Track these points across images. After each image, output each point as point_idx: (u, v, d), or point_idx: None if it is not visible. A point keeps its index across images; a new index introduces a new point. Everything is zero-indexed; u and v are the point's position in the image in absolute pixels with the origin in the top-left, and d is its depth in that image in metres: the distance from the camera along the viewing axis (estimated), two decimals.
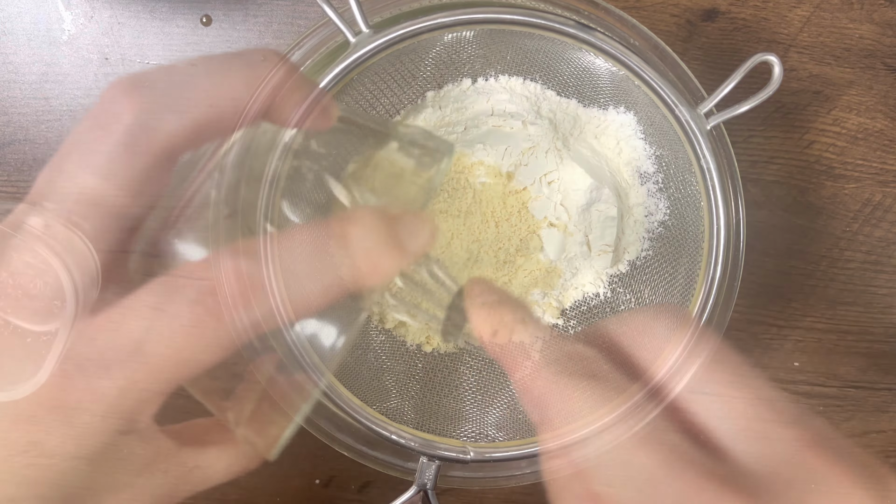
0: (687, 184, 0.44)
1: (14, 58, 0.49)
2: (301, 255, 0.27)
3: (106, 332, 0.28)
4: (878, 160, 0.51)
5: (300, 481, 0.53)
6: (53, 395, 0.29)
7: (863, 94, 0.50)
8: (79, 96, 0.49)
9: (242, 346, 0.38)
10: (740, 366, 0.27)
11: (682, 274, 0.45)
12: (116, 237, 0.31)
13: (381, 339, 0.48)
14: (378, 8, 0.43)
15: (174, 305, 0.27)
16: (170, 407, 0.55)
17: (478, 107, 0.46)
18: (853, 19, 0.49)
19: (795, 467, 0.24)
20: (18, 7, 0.49)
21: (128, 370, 0.28)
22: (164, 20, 0.49)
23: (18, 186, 0.50)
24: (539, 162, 0.46)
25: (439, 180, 0.28)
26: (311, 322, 0.39)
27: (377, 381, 0.47)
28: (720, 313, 0.45)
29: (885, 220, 0.51)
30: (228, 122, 0.27)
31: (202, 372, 0.29)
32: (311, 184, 0.43)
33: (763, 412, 0.26)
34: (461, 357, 0.49)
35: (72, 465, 0.31)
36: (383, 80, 0.45)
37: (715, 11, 0.49)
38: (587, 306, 0.49)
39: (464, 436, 0.45)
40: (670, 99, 0.40)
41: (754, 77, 0.40)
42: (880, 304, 0.52)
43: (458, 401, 0.48)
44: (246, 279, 0.25)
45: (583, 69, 0.45)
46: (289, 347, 0.37)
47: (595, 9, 0.44)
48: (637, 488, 0.25)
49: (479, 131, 0.46)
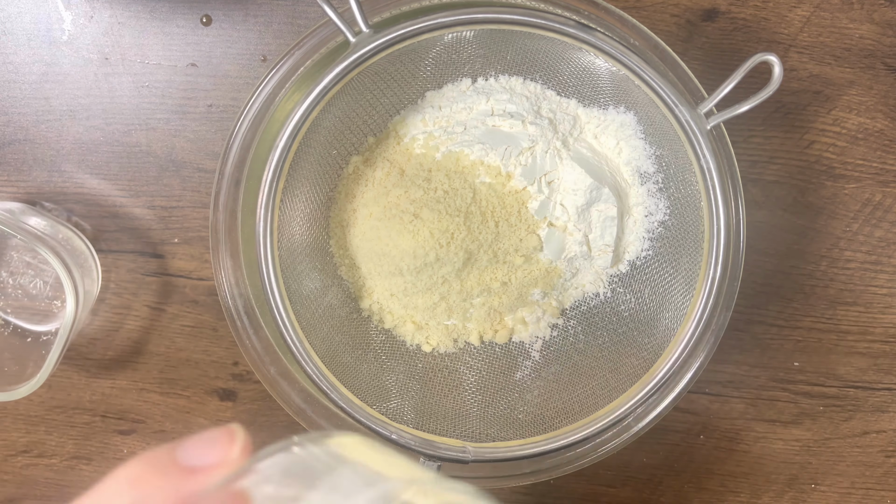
0: (687, 184, 0.44)
1: (14, 58, 0.49)
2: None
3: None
4: (878, 160, 0.51)
5: None
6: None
7: (863, 94, 0.50)
8: (79, 96, 0.49)
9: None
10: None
11: (682, 274, 0.45)
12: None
13: (381, 339, 0.48)
14: (378, 8, 0.43)
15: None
16: (170, 407, 0.56)
17: (478, 107, 0.46)
18: (853, 19, 0.49)
19: None
20: (18, 7, 0.49)
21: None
22: (164, 20, 0.49)
23: (18, 186, 0.50)
24: (539, 162, 0.46)
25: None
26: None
27: (377, 381, 0.47)
28: (720, 313, 0.45)
29: (885, 220, 0.51)
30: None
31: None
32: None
33: None
34: (461, 357, 0.49)
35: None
36: (383, 80, 0.45)
37: (715, 11, 0.49)
38: (587, 306, 0.49)
39: (464, 436, 0.45)
40: (670, 99, 0.40)
41: (754, 77, 0.40)
42: (880, 304, 0.52)
43: (458, 401, 0.48)
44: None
45: (583, 69, 0.45)
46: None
47: (595, 9, 0.44)
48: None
49: (479, 131, 0.46)
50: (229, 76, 0.49)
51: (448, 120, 0.47)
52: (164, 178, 0.50)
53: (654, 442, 0.53)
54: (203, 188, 0.50)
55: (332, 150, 0.46)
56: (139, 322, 0.51)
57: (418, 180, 0.45)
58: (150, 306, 0.51)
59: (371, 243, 0.46)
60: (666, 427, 0.53)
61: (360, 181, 0.47)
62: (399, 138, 0.47)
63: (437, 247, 0.44)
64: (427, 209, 0.44)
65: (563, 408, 0.46)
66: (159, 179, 0.50)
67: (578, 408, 0.46)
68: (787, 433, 0.53)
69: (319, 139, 0.44)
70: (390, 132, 0.47)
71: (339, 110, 0.44)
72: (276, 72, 0.44)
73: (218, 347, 0.52)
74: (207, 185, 0.50)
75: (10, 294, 0.49)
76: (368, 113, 0.47)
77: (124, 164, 0.50)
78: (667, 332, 0.45)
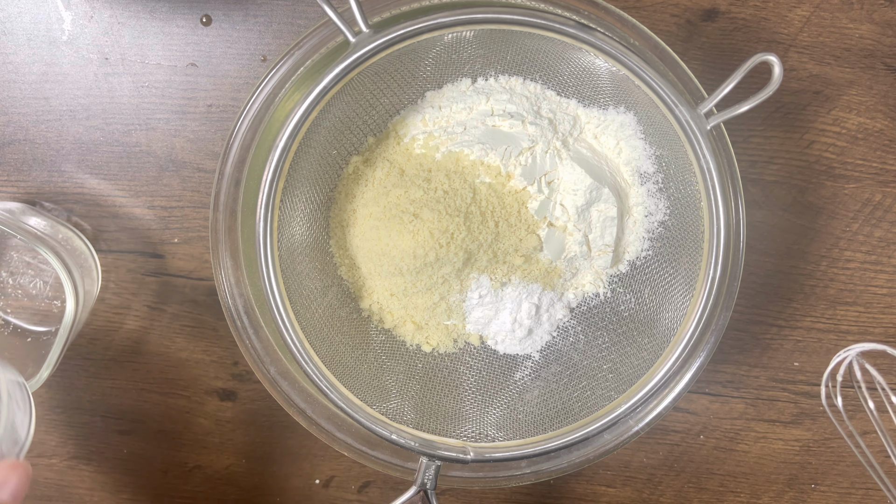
0: (687, 184, 0.44)
1: (14, 58, 0.49)
2: None
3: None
4: (878, 160, 0.51)
5: (300, 481, 0.53)
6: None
7: (863, 94, 0.50)
8: (79, 96, 0.49)
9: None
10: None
11: (682, 274, 0.45)
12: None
13: (381, 339, 0.48)
14: (378, 8, 0.43)
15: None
16: (170, 407, 0.56)
17: (478, 107, 0.46)
18: (853, 19, 0.49)
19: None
20: (18, 7, 0.49)
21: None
22: (164, 20, 0.49)
23: (18, 186, 0.50)
24: (539, 162, 0.46)
25: None
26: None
27: (377, 381, 0.47)
28: (720, 313, 0.45)
29: (885, 220, 0.51)
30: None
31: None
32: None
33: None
34: (461, 357, 0.49)
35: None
36: (383, 80, 0.45)
37: (715, 11, 0.49)
38: (587, 306, 0.49)
39: (464, 436, 0.45)
40: (670, 99, 0.40)
41: (754, 77, 0.40)
42: (880, 304, 0.52)
43: (458, 401, 0.48)
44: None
45: (583, 69, 0.45)
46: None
47: (595, 9, 0.44)
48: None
49: (478, 131, 0.46)
50: (229, 76, 0.49)
51: (448, 120, 0.47)
52: (164, 178, 0.50)
53: (654, 442, 0.53)
54: (203, 188, 0.50)
55: (332, 150, 0.46)
56: (139, 322, 0.51)
57: (418, 180, 0.45)
58: (150, 306, 0.51)
59: (371, 243, 0.46)
60: (666, 427, 0.53)
61: (360, 181, 0.47)
62: (399, 138, 0.47)
63: (436, 247, 0.44)
64: (427, 209, 0.44)
65: (563, 408, 0.46)
66: (159, 179, 0.50)
67: (578, 408, 0.46)
68: (787, 433, 0.53)
69: (319, 139, 0.44)
70: (390, 132, 0.47)
71: (339, 110, 0.44)
72: (276, 72, 0.44)
73: (218, 347, 0.52)
74: (207, 185, 0.50)
75: (10, 294, 0.49)
76: (368, 113, 0.47)
77: (124, 164, 0.50)
78: (667, 332, 0.45)
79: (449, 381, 0.48)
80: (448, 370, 0.49)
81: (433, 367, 0.49)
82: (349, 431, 0.46)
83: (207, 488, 0.53)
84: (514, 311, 0.47)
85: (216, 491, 0.54)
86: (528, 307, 0.47)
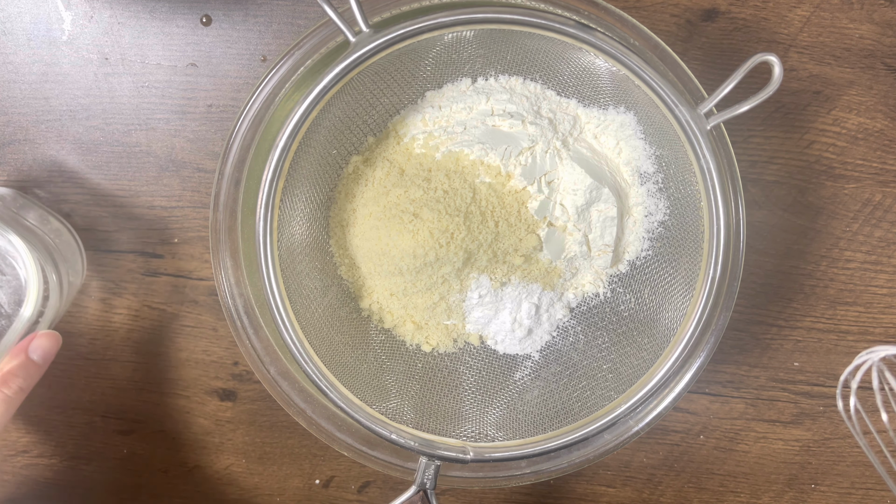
0: (687, 184, 0.44)
1: (14, 58, 0.49)
2: None
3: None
4: (878, 160, 0.51)
5: (300, 481, 0.53)
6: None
7: (863, 94, 0.50)
8: (79, 96, 0.49)
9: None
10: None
11: (682, 274, 0.45)
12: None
13: (381, 339, 0.48)
14: (378, 8, 0.43)
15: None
16: (170, 407, 0.56)
17: (478, 107, 0.46)
18: (853, 19, 0.49)
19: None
20: (18, 7, 0.49)
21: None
22: (164, 20, 0.49)
23: (18, 186, 0.50)
24: (539, 162, 0.46)
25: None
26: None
27: (377, 380, 0.47)
28: (720, 313, 0.45)
29: (885, 220, 0.51)
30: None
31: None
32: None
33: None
34: (461, 357, 0.49)
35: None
36: (383, 79, 0.45)
37: (715, 11, 0.49)
38: (587, 306, 0.49)
39: (463, 436, 0.45)
40: (670, 99, 0.40)
41: (754, 77, 0.40)
42: (880, 304, 0.52)
43: (457, 401, 0.48)
44: None
45: (583, 69, 0.45)
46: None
47: (595, 9, 0.44)
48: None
49: (478, 131, 0.46)
50: (229, 76, 0.49)
51: (448, 120, 0.47)
52: (163, 178, 0.50)
53: (654, 442, 0.53)
54: (203, 188, 0.50)
55: (331, 150, 0.46)
56: (139, 322, 0.51)
57: (418, 180, 0.45)
58: (150, 306, 0.51)
59: (371, 243, 0.46)
60: (666, 427, 0.53)
61: (360, 181, 0.47)
62: (399, 138, 0.47)
63: (436, 247, 0.44)
64: (427, 209, 0.44)
65: (563, 408, 0.46)
66: (159, 179, 0.50)
67: (578, 408, 0.46)
68: (787, 433, 0.53)
69: (319, 139, 0.44)
70: (390, 132, 0.47)
71: (339, 110, 0.44)
72: (276, 72, 0.44)
73: (218, 347, 0.52)
74: (207, 185, 0.50)
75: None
76: (368, 113, 0.47)
77: (124, 164, 0.50)
78: (667, 332, 0.45)
79: (449, 381, 0.48)
80: (448, 370, 0.49)
81: (433, 367, 0.49)
82: (349, 431, 0.46)
83: (207, 488, 0.53)
84: (514, 310, 0.47)
85: (216, 491, 0.54)
86: (528, 307, 0.47)
